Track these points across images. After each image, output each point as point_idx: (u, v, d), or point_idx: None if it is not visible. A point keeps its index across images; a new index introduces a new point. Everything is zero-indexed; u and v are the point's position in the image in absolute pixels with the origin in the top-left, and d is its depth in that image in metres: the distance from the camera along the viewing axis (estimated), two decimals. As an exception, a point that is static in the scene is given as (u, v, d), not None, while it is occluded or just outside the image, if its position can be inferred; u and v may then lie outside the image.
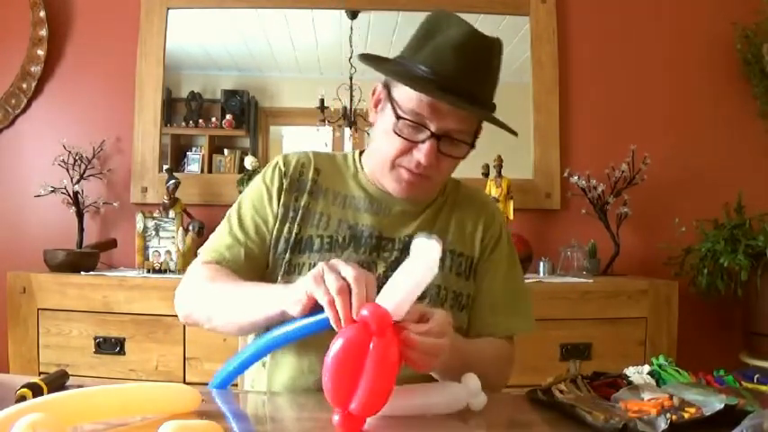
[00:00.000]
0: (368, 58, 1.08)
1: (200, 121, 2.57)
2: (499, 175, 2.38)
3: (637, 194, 2.41)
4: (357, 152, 1.21)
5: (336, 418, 0.77)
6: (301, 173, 1.15)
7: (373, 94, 1.11)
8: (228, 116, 2.57)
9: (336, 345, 0.76)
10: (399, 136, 1.03)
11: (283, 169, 1.14)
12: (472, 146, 1.08)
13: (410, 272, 0.79)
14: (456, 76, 0.99)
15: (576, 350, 2.00)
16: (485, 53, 1.02)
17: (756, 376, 0.99)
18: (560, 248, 2.41)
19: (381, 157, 1.08)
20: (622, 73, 2.56)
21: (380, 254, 1.10)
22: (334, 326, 0.82)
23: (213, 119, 2.58)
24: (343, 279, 0.82)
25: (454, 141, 1.04)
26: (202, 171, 2.57)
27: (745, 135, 2.53)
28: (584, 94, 2.56)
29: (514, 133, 1.06)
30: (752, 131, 2.51)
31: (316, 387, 1.05)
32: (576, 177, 2.41)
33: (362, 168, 1.17)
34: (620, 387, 0.89)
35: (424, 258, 0.78)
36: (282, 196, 1.12)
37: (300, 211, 1.12)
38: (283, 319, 0.92)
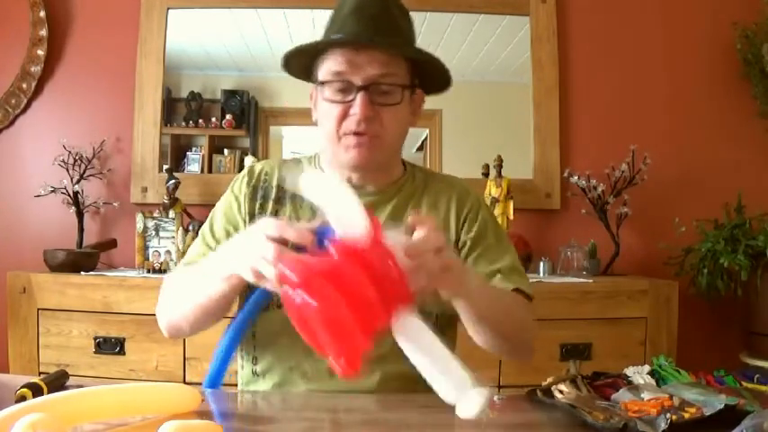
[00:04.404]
0: (286, 53, 1.12)
1: (200, 121, 2.57)
2: (499, 175, 2.38)
3: (637, 194, 2.41)
4: (318, 153, 1.22)
5: (332, 361, 0.70)
6: (265, 180, 1.17)
7: (311, 98, 1.14)
8: (228, 116, 2.57)
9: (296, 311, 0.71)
10: (332, 102, 1.06)
11: (248, 179, 1.17)
12: (412, 88, 1.10)
13: (335, 199, 0.77)
14: (359, 32, 1.05)
15: (576, 350, 2.00)
16: (382, 8, 1.07)
17: (756, 376, 0.99)
18: (560, 248, 2.40)
19: (326, 135, 1.10)
20: (622, 73, 2.56)
21: None
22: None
23: (213, 119, 2.58)
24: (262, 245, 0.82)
25: (384, 88, 1.06)
26: (202, 171, 2.57)
27: (745, 135, 2.52)
28: (584, 94, 2.55)
29: (447, 75, 1.11)
30: (752, 131, 2.51)
31: (304, 384, 1.08)
32: (575, 177, 2.41)
33: (321, 165, 1.19)
34: (620, 387, 0.89)
35: (326, 183, 0.80)
36: (248, 204, 1.15)
37: (267, 217, 1.12)
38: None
